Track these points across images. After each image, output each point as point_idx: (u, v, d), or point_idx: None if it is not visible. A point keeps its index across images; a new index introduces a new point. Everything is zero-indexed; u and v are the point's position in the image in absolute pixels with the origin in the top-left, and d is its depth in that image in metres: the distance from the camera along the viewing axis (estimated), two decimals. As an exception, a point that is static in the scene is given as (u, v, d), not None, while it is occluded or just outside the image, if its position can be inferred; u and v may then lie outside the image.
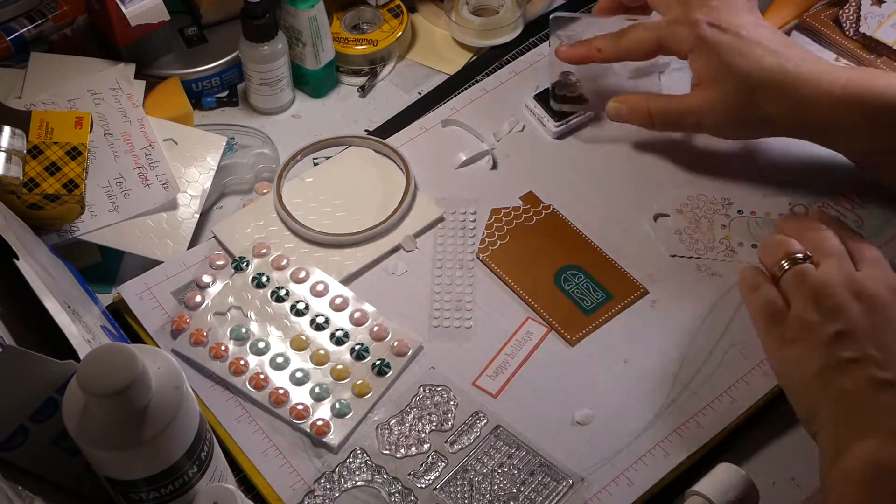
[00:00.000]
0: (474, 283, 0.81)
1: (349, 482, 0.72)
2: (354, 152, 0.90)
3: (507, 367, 0.77)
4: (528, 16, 1.00)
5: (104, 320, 0.77)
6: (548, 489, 0.71)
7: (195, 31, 0.96)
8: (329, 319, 0.79)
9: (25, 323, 0.69)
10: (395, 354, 0.77)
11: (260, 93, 0.93)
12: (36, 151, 0.81)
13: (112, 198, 0.84)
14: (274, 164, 0.89)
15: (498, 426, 0.74)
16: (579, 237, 0.84)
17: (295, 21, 0.91)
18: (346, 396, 0.75)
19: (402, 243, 0.84)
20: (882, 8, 0.92)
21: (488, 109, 0.92)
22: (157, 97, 0.91)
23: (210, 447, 0.64)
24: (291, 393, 0.75)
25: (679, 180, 0.87)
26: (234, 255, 0.82)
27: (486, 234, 0.84)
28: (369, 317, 0.79)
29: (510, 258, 0.82)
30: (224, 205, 0.89)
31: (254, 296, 0.80)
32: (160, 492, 0.62)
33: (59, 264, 0.78)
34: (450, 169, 0.89)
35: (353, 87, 0.97)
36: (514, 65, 0.96)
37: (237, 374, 0.76)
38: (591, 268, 0.82)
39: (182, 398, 0.60)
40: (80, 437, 0.58)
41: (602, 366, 0.76)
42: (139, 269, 0.82)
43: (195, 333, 0.77)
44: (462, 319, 0.79)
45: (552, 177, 0.88)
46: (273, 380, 0.76)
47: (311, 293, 0.80)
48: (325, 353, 0.77)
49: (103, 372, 0.56)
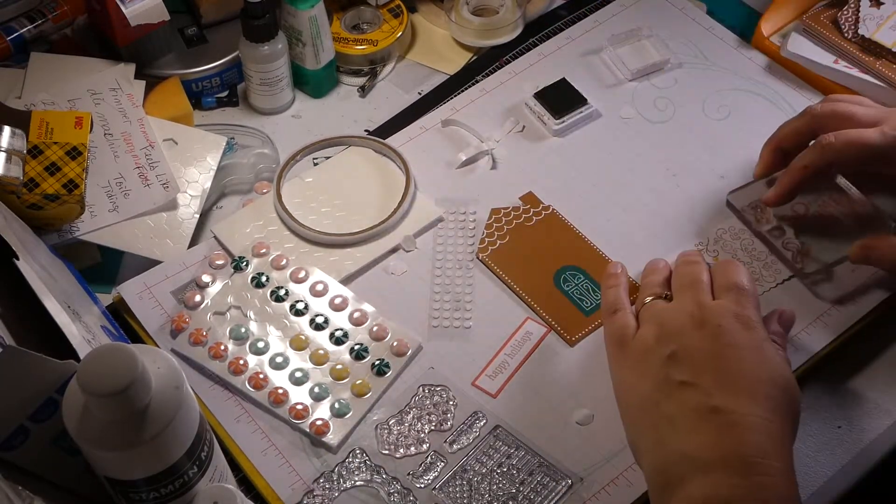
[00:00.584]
0: (474, 283, 0.82)
1: (348, 482, 0.72)
2: (354, 152, 0.90)
3: (506, 367, 0.77)
4: (528, 16, 1.00)
5: (104, 320, 0.77)
6: (547, 489, 0.71)
7: (195, 31, 0.96)
8: (328, 319, 0.79)
9: (25, 323, 0.69)
10: (395, 354, 0.77)
11: (260, 93, 0.93)
12: (36, 151, 0.81)
13: (112, 198, 0.84)
14: (274, 164, 0.89)
15: (497, 426, 0.74)
16: (579, 237, 0.84)
17: (295, 21, 0.91)
18: (346, 396, 0.75)
19: (402, 243, 0.84)
20: (881, 10, 0.92)
21: (488, 109, 0.93)
22: (157, 97, 0.91)
23: (210, 447, 0.64)
24: (291, 393, 0.75)
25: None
26: (234, 254, 0.83)
27: (486, 234, 0.84)
28: (369, 317, 0.79)
29: (510, 258, 0.83)
30: (224, 205, 0.89)
31: (253, 295, 0.80)
32: (160, 492, 0.62)
33: (59, 264, 0.78)
34: (450, 169, 0.89)
35: (353, 87, 0.97)
36: (514, 65, 0.96)
37: (237, 374, 0.76)
38: (591, 268, 0.82)
39: (182, 398, 0.60)
40: (81, 437, 0.58)
41: (601, 366, 0.76)
42: (139, 269, 0.82)
43: (195, 333, 0.77)
44: (462, 319, 0.80)
45: (552, 177, 0.88)
46: (272, 379, 0.76)
47: (311, 293, 0.80)
48: (325, 353, 0.77)
49: (103, 372, 0.56)
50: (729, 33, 0.98)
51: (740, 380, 0.66)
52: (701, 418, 0.65)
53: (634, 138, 0.91)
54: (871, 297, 0.80)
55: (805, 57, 0.92)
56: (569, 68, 0.95)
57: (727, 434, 0.64)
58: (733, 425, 0.64)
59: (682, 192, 0.87)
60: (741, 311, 0.70)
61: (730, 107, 0.92)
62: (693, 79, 0.94)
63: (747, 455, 0.62)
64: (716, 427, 0.64)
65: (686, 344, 0.69)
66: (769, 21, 0.96)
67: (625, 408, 0.71)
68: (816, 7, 0.95)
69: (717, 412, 0.64)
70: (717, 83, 0.94)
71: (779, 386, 0.66)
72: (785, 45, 0.94)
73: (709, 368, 0.67)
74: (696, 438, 0.64)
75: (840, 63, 0.92)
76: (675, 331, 0.70)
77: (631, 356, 0.72)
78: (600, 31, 0.98)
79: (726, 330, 0.68)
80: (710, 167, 0.88)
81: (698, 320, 0.70)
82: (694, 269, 0.74)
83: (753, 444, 0.63)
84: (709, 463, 0.63)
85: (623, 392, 0.72)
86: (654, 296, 0.75)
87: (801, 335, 0.78)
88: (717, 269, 0.74)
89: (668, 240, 0.84)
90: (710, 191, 0.87)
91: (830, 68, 0.92)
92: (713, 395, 0.65)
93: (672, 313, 0.71)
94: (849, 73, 0.91)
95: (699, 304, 0.71)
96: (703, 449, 0.64)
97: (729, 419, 0.64)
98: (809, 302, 0.79)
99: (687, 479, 0.63)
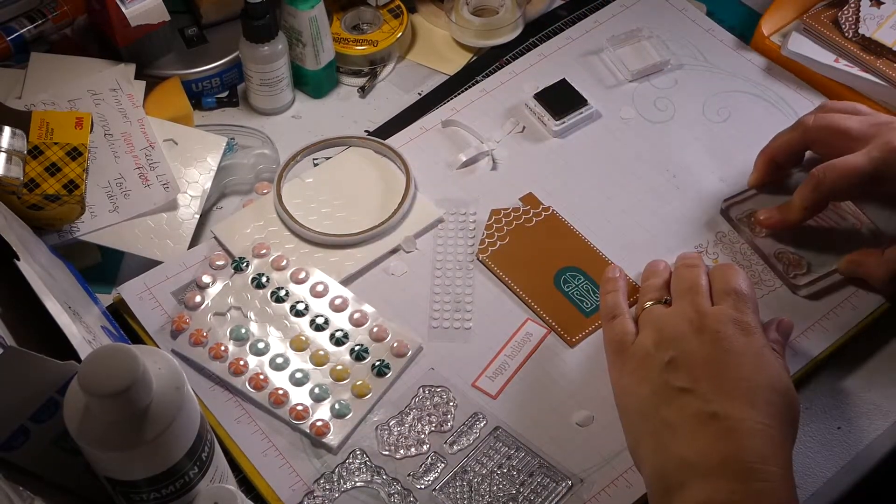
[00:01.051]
0: (474, 284, 0.82)
1: (348, 483, 0.72)
2: (354, 153, 0.90)
3: (506, 368, 0.77)
4: (528, 16, 1.00)
5: (104, 320, 0.77)
6: (547, 490, 0.71)
7: (195, 32, 0.96)
8: (329, 320, 0.79)
9: (26, 323, 0.69)
10: (395, 355, 0.77)
11: (260, 93, 0.93)
12: (36, 152, 0.81)
13: (112, 198, 0.84)
14: (274, 165, 0.89)
15: (497, 427, 0.74)
16: (579, 238, 0.84)
17: (295, 21, 0.91)
18: (346, 397, 0.75)
19: (402, 244, 0.84)
20: (881, 9, 0.92)
21: (488, 110, 0.93)
22: (157, 97, 0.91)
23: (211, 448, 0.64)
24: (291, 393, 0.75)
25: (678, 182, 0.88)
26: (234, 255, 0.83)
27: (486, 235, 0.84)
28: (369, 317, 0.79)
29: (510, 259, 0.83)
30: (224, 205, 0.89)
31: (253, 296, 0.80)
32: (161, 492, 0.62)
33: (59, 264, 0.78)
34: (450, 169, 0.89)
35: (353, 88, 0.97)
36: (514, 65, 0.96)
37: (237, 375, 0.76)
38: (591, 269, 0.82)
39: (183, 399, 0.60)
40: (81, 437, 0.58)
41: (601, 367, 0.76)
42: (139, 270, 0.82)
43: (195, 334, 0.77)
44: (462, 321, 0.80)
45: (552, 178, 0.88)
46: (273, 380, 0.76)
47: (311, 294, 0.80)
48: (325, 354, 0.77)
49: (104, 372, 0.56)
50: (728, 35, 0.98)
51: (739, 385, 0.66)
52: (700, 424, 0.65)
53: (634, 139, 0.91)
54: (871, 298, 0.80)
55: (805, 56, 0.92)
56: (569, 68, 0.95)
57: (726, 440, 0.64)
58: (732, 431, 0.64)
59: (681, 194, 0.87)
60: (740, 316, 0.70)
61: (730, 108, 0.92)
62: (693, 80, 0.94)
63: (746, 461, 0.62)
64: (714, 433, 0.64)
65: (685, 349, 0.69)
66: (769, 21, 0.96)
67: (624, 413, 0.71)
68: (817, 7, 0.95)
69: (715, 418, 0.64)
70: (717, 85, 0.94)
71: (777, 391, 0.66)
72: (785, 44, 0.94)
73: (707, 374, 0.67)
74: (696, 444, 0.64)
75: (841, 62, 0.92)
76: (673, 336, 0.70)
77: (630, 362, 0.72)
78: (600, 31, 0.98)
79: (725, 336, 0.68)
80: (710, 169, 0.88)
81: (697, 326, 0.70)
82: (693, 274, 0.74)
83: (752, 449, 0.63)
84: (708, 469, 0.63)
85: (623, 398, 0.72)
86: (654, 300, 0.75)
87: (800, 338, 0.78)
88: (715, 273, 0.74)
89: (668, 241, 0.84)
90: (709, 193, 0.87)
91: (831, 67, 0.92)
92: (712, 400, 0.65)
93: (671, 318, 0.71)
94: (849, 71, 0.91)
95: (698, 310, 0.71)
96: (703, 454, 0.64)
97: (727, 425, 0.64)
98: (808, 306, 0.79)
99: (687, 485, 0.63)
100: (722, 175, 0.88)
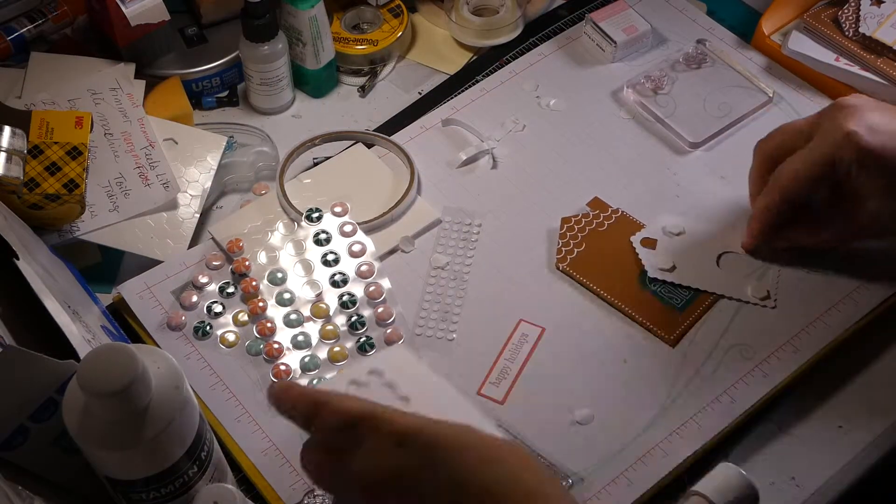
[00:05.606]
0: (466, 289, 0.81)
1: (349, 482, 0.71)
2: (354, 152, 0.90)
3: (508, 371, 0.76)
4: (528, 16, 1.00)
5: (104, 320, 0.77)
6: (547, 489, 0.71)
7: (195, 31, 0.96)
8: (347, 280, 0.81)
9: (25, 323, 0.69)
10: (385, 342, 0.78)
11: (260, 93, 0.93)
12: (36, 151, 0.81)
13: (112, 198, 0.84)
14: (273, 162, 0.89)
15: (497, 426, 0.74)
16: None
17: (295, 21, 0.91)
18: (322, 356, 0.77)
19: (400, 244, 0.84)
20: (881, 8, 0.92)
21: (488, 109, 0.92)
22: (157, 97, 0.91)
23: (210, 447, 0.64)
24: (287, 354, 0.77)
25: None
26: (231, 255, 0.82)
27: (562, 244, 0.82)
28: (383, 292, 0.80)
29: (590, 265, 0.81)
30: (224, 204, 0.89)
31: (307, 249, 0.82)
32: (160, 492, 0.62)
33: (59, 264, 0.78)
34: (450, 168, 0.89)
35: (354, 87, 0.97)
36: (514, 65, 0.96)
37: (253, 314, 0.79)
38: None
39: (182, 398, 0.60)
40: (81, 437, 0.58)
41: (602, 366, 0.76)
42: (139, 269, 0.82)
43: (239, 261, 0.81)
44: (446, 331, 0.79)
45: (553, 178, 0.88)
46: (278, 331, 0.78)
47: (348, 252, 0.82)
48: (326, 308, 0.79)
49: (104, 372, 0.56)
50: (729, 34, 0.98)
51: None
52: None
53: (634, 140, 0.91)
54: (871, 298, 0.79)
55: (806, 55, 0.92)
56: (569, 68, 0.95)
57: None
58: None
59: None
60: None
61: (731, 106, 0.92)
62: (693, 79, 0.94)
63: None
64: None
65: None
66: (770, 20, 0.96)
67: None
68: (817, 6, 0.95)
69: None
70: (718, 83, 0.94)
71: None
72: (786, 43, 0.94)
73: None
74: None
75: (841, 61, 0.92)
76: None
77: None
78: (600, 30, 0.98)
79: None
80: (711, 169, 0.88)
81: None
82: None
83: None
84: None
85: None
86: None
87: (801, 335, 0.77)
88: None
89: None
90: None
91: (831, 66, 0.92)
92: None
93: None
94: (850, 70, 0.91)
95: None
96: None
97: None
98: (809, 305, 0.79)
99: None
100: (722, 174, 0.88)
